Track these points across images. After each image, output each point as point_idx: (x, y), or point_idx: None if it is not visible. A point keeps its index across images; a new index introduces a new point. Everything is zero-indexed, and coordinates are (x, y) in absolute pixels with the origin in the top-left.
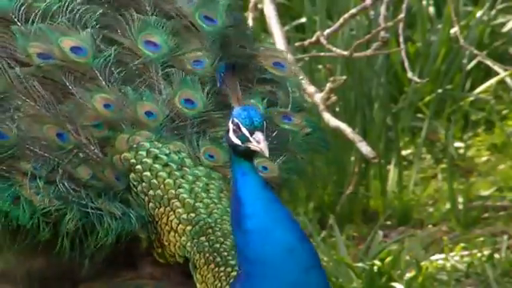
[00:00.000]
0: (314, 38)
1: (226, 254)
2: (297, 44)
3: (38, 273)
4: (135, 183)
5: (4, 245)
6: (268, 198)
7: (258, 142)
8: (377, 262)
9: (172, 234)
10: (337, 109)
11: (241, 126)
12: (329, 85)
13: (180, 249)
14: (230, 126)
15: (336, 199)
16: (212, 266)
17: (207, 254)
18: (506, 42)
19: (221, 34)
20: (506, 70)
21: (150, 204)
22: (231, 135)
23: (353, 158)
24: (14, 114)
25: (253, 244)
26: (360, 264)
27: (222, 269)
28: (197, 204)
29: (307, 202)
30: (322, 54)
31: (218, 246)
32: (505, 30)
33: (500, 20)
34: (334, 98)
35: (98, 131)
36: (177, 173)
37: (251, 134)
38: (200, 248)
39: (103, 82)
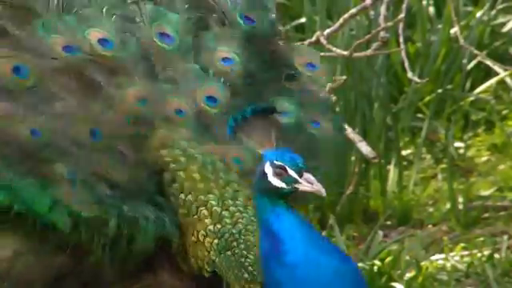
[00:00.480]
0: (313, 38)
1: (251, 268)
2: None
3: (57, 273)
4: (169, 184)
5: (30, 247)
6: (304, 226)
7: (311, 183)
8: (377, 262)
9: (199, 247)
10: (337, 109)
11: (287, 168)
12: (329, 85)
13: (209, 265)
14: (270, 169)
15: (336, 199)
16: (242, 282)
17: (236, 270)
18: (506, 42)
19: (254, 34)
20: (506, 70)
21: (180, 210)
22: (272, 178)
23: (353, 158)
24: (45, 110)
25: (299, 276)
26: (360, 264)
27: (253, 285)
28: (223, 213)
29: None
30: (322, 53)
31: (243, 260)
32: (505, 29)
33: (500, 20)
34: (333, 98)
35: (131, 128)
36: (210, 176)
37: (300, 175)
38: (228, 263)
39: (134, 76)
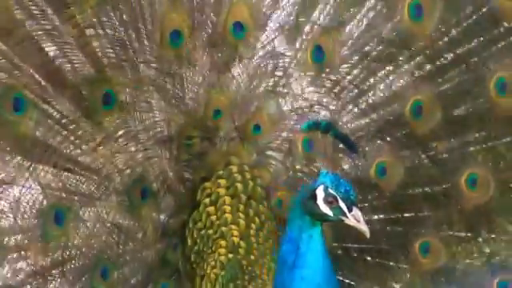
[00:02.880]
0: None
1: None
2: None
3: None
4: (191, 224)
5: None
6: (326, 260)
7: (358, 221)
8: None
9: (205, 279)
10: None
11: (339, 200)
12: None
13: None
14: (321, 193)
15: None
16: None
17: None
18: None
19: None
20: None
21: (194, 248)
22: (321, 203)
23: None
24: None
25: None
26: None
27: None
28: (241, 242)
29: None
30: None
31: None
32: None
33: None
34: None
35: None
36: (241, 206)
37: (349, 209)
38: None
39: None
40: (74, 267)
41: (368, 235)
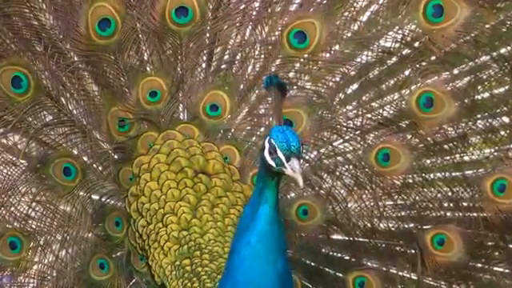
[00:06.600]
0: None
1: (205, 277)
2: None
3: None
4: (131, 199)
5: None
6: (274, 236)
7: (294, 171)
8: None
9: (158, 250)
10: None
11: (277, 149)
12: None
13: (159, 269)
14: (267, 145)
15: None
16: None
17: (186, 281)
18: None
19: None
20: None
21: (141, 221)
22: (266, 155)
23: None
24: None
25: (242, 264)
26: None
27: None
28: (193, 220)
29: None
30: None
31: (200, 269)
32: None
33: None
34: None
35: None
36: (187, 181)
37: (287, 159)
38: (179, 274)
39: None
40: None
41: (301, 185)
